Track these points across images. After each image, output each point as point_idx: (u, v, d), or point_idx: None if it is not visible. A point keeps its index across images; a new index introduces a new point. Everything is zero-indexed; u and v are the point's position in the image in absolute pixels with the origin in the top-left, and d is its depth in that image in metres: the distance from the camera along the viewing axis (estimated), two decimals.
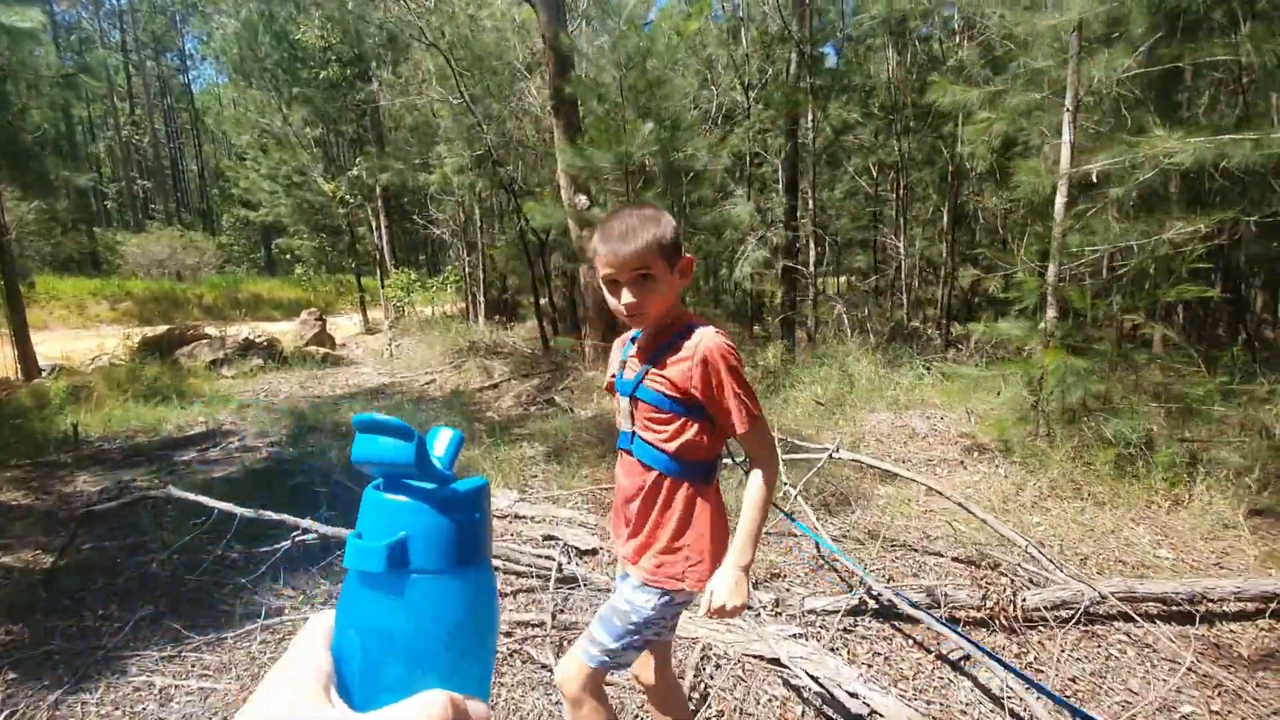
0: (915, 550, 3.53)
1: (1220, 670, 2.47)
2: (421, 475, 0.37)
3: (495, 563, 3.24)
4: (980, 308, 12.94)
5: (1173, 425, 4.38)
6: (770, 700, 2.35)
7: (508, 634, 2.74)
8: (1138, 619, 2.77)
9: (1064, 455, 4.36)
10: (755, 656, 2.54)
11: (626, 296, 1.33)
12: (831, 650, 2.58)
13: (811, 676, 2.31)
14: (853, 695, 2.22)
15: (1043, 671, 2.52)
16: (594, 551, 3.49)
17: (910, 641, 2.70)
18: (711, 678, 2.45)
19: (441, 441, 0.42)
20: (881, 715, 2.14)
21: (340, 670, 0.36)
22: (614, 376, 1.56)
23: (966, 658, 2.54)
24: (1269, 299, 7.72)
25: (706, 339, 1.35)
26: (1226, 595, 2.85)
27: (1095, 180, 4.06)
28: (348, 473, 4.86)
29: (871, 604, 2.83)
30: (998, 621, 2.72)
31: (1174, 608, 2.83)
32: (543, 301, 10.06)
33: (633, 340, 1.55)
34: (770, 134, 10.52)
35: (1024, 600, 2.75)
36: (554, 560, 3.32)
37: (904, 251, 10.18)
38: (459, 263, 13.41)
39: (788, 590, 3.05)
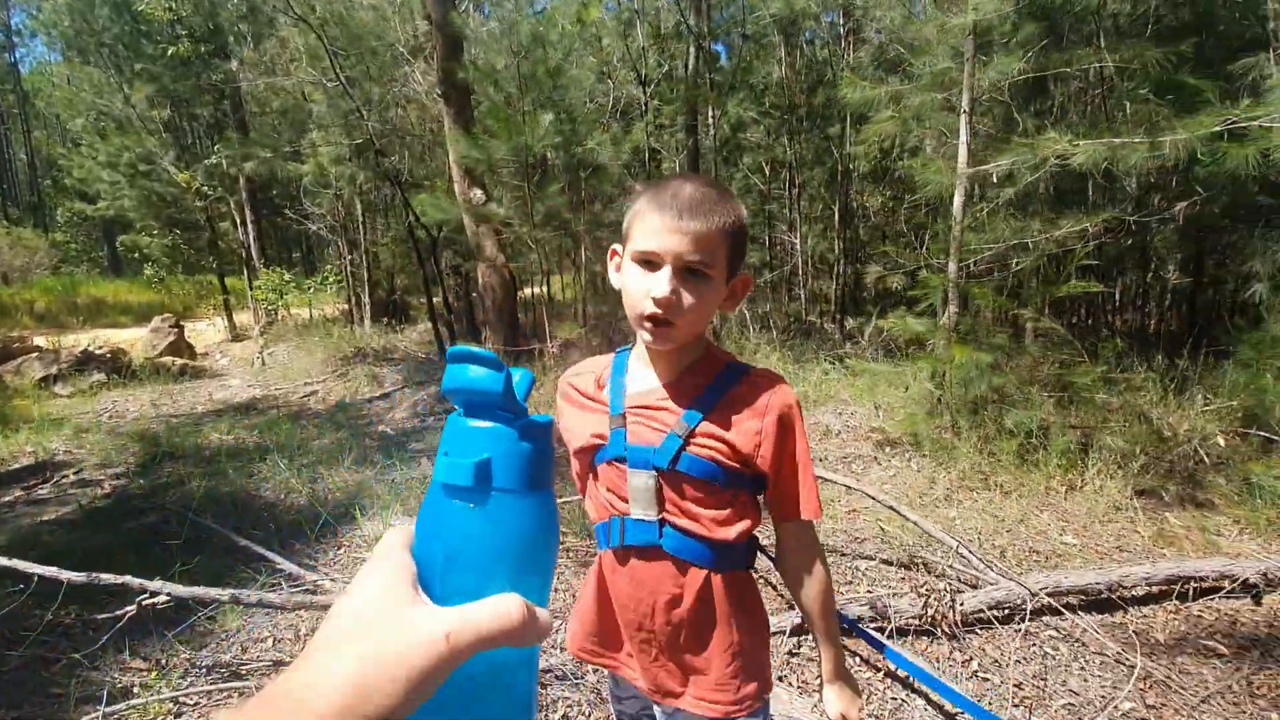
0: (845, 554, 3.46)
1: (1145, 660, 2.53)
2: (505, 403, 0.40)
3: None
4: (869, 302, 13.57)
5: (1063, 414, 4.61)
6: None
7: None
8: (1064, 611, 2.82)
9: (970, 447, 4.49)
10: None
11: (663, 285, 0.93)
12: (779, 679, 2.41)
13: None
14: None
15: (988, 679, 2.47)
16: None
17: (857, 659, 2.58)
18: None
19: (517, 379, 0.44)
20: None
21: (420, 573, 0.38)
22: (598, 438, 1.07)
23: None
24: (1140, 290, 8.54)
25: (781, 393, 1.02)
26: (1139, 581, 2.96)
27: (995, 180, 4.18)
28: (214, 506, 4.21)
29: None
30: (940, 629, 2.66)
31: (1094, 597, 2.91)
32: (436, 302, 9.42)
33: (618, 372, 1.12)
34: (669, 130, 10.43)
35: (962, 604, 2.71)
36: None
37: (799, 248, 10.41)
38: (340, 261, 12.38)
39: None
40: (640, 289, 0.97)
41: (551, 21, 7.68)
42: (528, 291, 11.05)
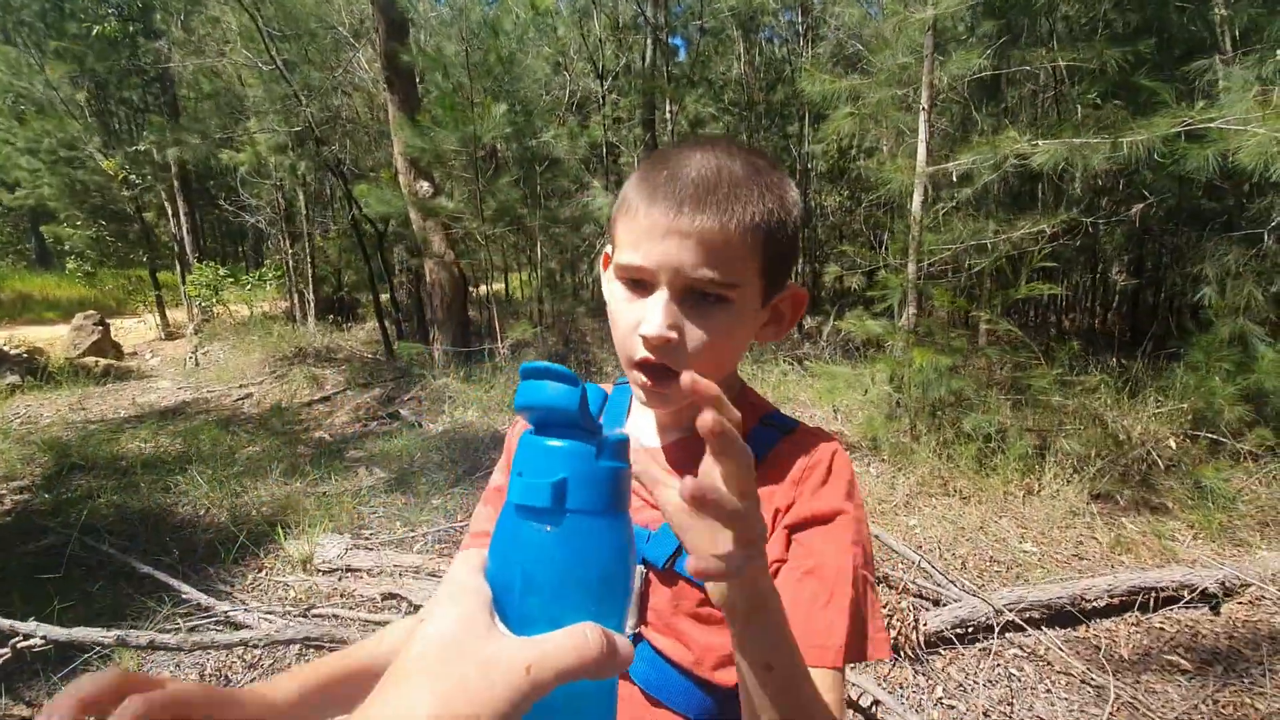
0: None
1: (1110, 679, 2.43)
2: (581, 420, 0.38)
3: (318, 638, 2.55)
4: (826, 301, 13.61)
5: (1020, 417, 4.57)
6: None
7: None
8: (1027, 627, 2.72)
9: (929, 451, 4.41)
10: None
11: (655, 318, 0.61)
12: None
13: None
14: None
15: (954, 707, 2.34)
16: None
17: None
18: None
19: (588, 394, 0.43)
20: None
21: (495, 597, 0.38)
22: None
23: (877, 702, 2.29)
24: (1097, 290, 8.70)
25: (839, 463, 0.68)
26: (1101, 594, 2.89)
27: (955, 179, 4.09)
28: (122, 525, 3.83)
29: None
30: (903, 651, 2.52)
31: (1057, 611, 2.82)
32: (384, 299, 9.01)
33: (613, 415, 0.80)
34: (626, 125, 10.22)
35: (925, 624, 2.58)
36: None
37: None
38: (280, 255, 11.78)
39: None
40: (627, 321, 0.64)
41: (505, 8, 7.38)
42: (482, 289, 10.70)
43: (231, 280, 11.01)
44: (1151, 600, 2.91)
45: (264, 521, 3.76)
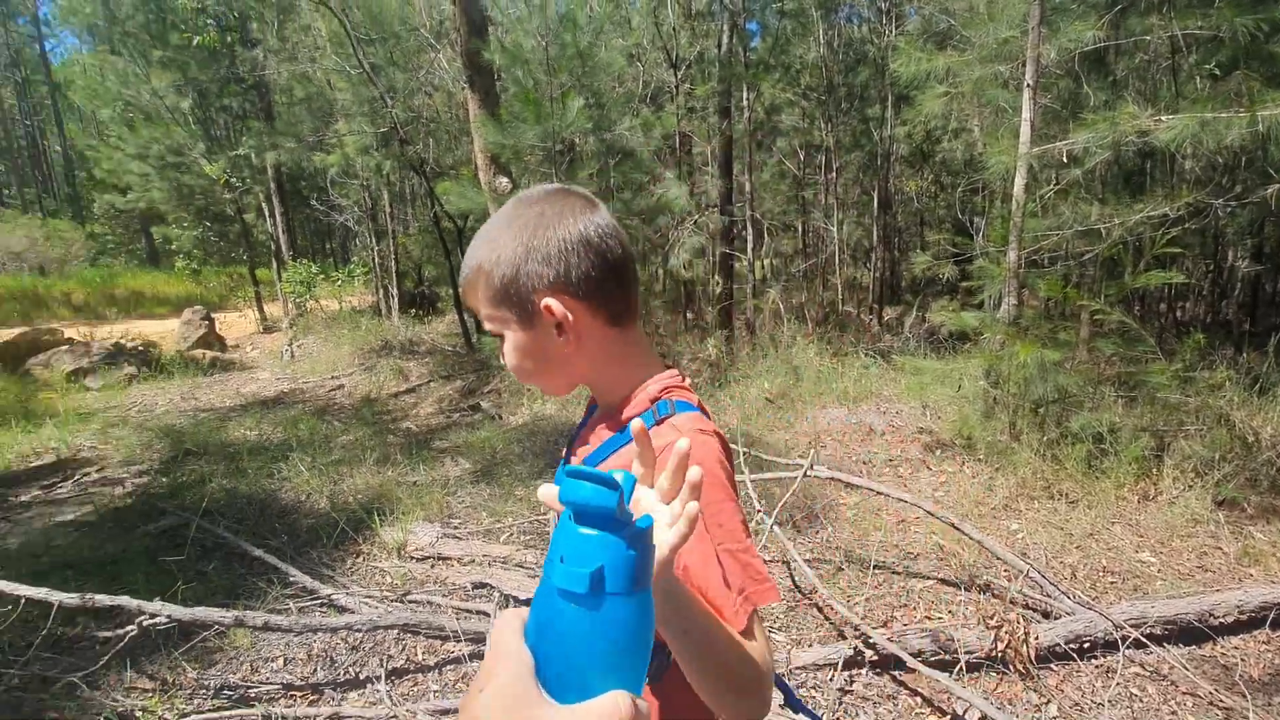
0: (897, 572, 3.18)
1: (1243, 702, 2.22)
2: (617, 515, 0.44)
3: (415, 624, 2.63)
4: (907, 291, 13.08)
5: (1133, 415, 4.24)
6: None
7: None
8: (1149, 644, 2.51)
9: (1031, 452, 4.15)
10: None
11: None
12: None
13: None
14: None
15: None
16: None
17: (918, 699, 2.31)
18: None
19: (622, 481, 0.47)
20: None
21: (536, 664, 0.43)
22: None
23: (985, 718, 2.17)
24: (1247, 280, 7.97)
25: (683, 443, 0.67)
26: (1230, 610, 2.64)
27: (1065, 159, 3.80)
28: (232, 508, 4.08)
29: (869, 654, 2.42)
30: (1013, 666, 2.37)
31: (1182, 628, 2.60)
32: None
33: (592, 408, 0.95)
34: (700, 114, 10.08)
35: (1037, 638, 2.42)
36: (488, 617, 2.76)
37: (836, 235, 10.01)
38: (367, 252, 12.29)
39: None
40: None
41: (579, 1, 7.38)
42: None
43: (323, 276, 11.57)
44: None
45: (360, 508, 3.92)
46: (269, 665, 2.61)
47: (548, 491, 0.58)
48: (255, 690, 2.45)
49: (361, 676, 2.51)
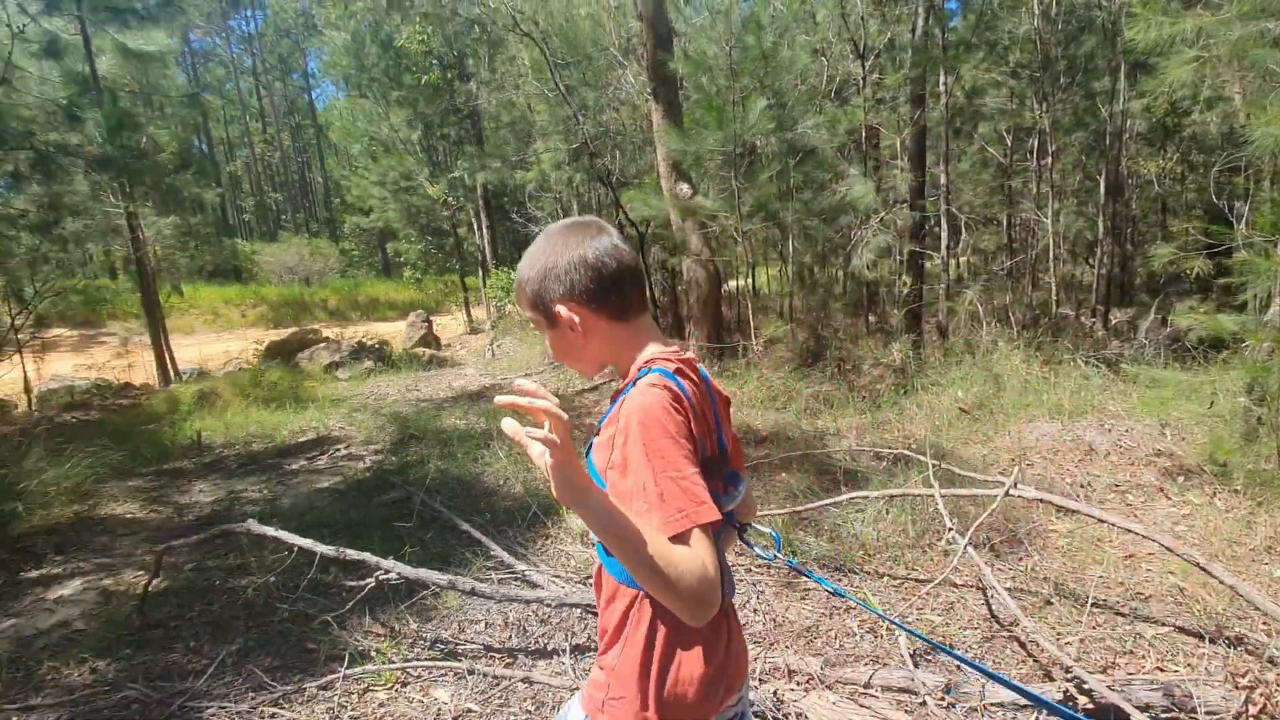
0: (1122, 614, 2.77)
1: None
2: None
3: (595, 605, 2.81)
4: (1142, 290, 11.27)
5: None
6: None
7: None
8: None
9: None
10: None
11: None
12: None
13: None
14: None
15: None
16: None
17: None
18: None
19: None
20: None
21: None
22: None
23: None
24: None
25: (633, 396, 0.94)
26: None
27: None
28: (445, 487, 4.64)
29: (1083, 700, 2.14)
30: None
31: None
32: None
33: None
34: (889, 105, 9.54)
35: None
36: None
37: (1050, 228, 8.89)
38: None
39: (959, 670, 2.41)
40: None
41: (763, 2, 7.36)
42: (731, 284, 10.87)
43: None
44: None
45: (549, 495, 4.25)
46: (473, 626, 2.94)
47: (511, 426, 0.78)
48: (462, 647, 2.78)
49: (549, 648, 2.73)
